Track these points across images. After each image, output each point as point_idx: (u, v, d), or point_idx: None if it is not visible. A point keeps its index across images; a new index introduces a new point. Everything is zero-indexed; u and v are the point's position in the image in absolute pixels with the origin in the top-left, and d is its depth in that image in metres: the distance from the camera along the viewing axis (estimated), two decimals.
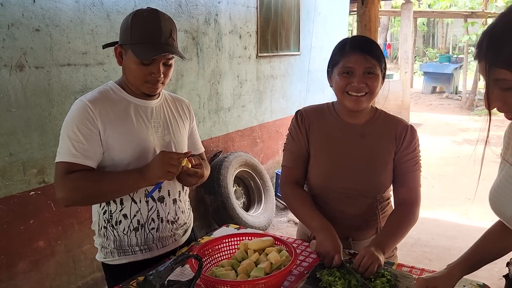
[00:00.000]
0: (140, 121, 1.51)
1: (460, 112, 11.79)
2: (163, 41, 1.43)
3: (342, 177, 1.59)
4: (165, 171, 1.41)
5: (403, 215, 1.58)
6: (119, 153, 1.47)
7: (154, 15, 1.44)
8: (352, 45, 1.51)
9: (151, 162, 1.44)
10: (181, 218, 1.67)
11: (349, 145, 1.61)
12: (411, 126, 1.63)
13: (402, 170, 1.61)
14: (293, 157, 1.68)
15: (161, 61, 1.45)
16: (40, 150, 2.57)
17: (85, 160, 1.42)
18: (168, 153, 1.45)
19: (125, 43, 1.45)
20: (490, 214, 1.22)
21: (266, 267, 1.34)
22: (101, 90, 1.51)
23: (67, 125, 1.44)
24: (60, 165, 1.42)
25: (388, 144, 1.60)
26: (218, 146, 4.21)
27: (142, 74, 1.45)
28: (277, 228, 4.37)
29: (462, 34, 13.74)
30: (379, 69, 1.51)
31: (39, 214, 2.61)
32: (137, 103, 1.53)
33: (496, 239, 1.29)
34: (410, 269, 1.48)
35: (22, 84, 2.45)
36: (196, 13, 3.72)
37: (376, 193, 1.62)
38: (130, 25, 1.43)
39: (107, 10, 2.89)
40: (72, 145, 1.40)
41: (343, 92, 1.53)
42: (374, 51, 1.51)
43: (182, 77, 3.65)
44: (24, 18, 2.42)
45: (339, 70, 1.52)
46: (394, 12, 13.43)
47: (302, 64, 5.46)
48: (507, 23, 0.92)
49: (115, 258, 1.56)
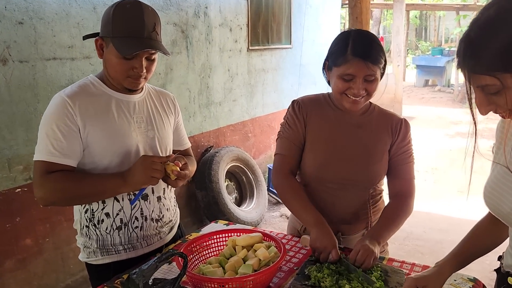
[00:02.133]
0: (122, 116, 1.46)
1: (452, 105, 11.82)
2: (146, 35, 1.38)
3: (337, 166, 1.58)
4: (148, 176, 1.36)
5: (398, 207, 1.58)
6: (100, 150, 1.42)
7: (137, 7, 1.38)
8: (354, 52, 1.44)
9: (133, 167, 1.38)
10: (166, 215, 1.62)
11: (346, 135, 1.60)
12: (405, 120, 1.65)
13: (397, 162, 1.61)
14: (289, 144, 1.63)
15: (144, 56, 1.41)
16: (26, 146, 2.52)
17: (64, 159, 1.37)
18: (149, 157, 1.39)
19: (106, 36, 1.39)
20: (483, 207, 1.20)
21: (255, 264, 1.32)
22: (81, 84, 1.46)
23: (45, 121, 1.39)
24: (38, 164, 1.37)
25: (384, 136, 1.61)
26: (209, 141, 4.17)
27: (124, 69, 1.40)
28: (269, 223, 4.35)
29: (454, 26, 13.76)
30: (379, 71, 1.49)
31: (25, 212, 2.56)
32: (119, 98, 1.48)
33: (485, 234, 1.28)
34: (401, 264, 1.46)
35: (5, 78, 2.39)
36: (185, 5, 3.67)
37: (369, 184, 1.61)
38: (111, 17, 1.37)
39: (93, 2, 2.83)
40: (51, 143, 1.36)
41: (341, 94, 1.51)
42: (376, 56, 1.45)
43: (172, 71, 3.60)
44: (6, 10, 2.36)
45: (339, 74, 1.48)
46: (386, 5, 13.42)
47: (294, 58, 5.42)
48: (479, 29, 0.90)
49: (98, 258, 1.52)
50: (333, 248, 1.40)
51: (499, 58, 0.87)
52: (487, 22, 0.89)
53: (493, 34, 0.87)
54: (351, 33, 1.50)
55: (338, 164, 1.58)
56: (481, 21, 0.91)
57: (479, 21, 0.91)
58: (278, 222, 4.37)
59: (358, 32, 1.52)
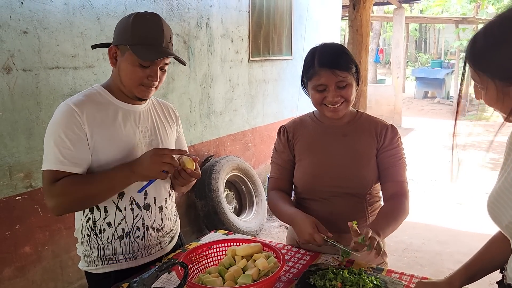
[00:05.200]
0: (128, 126, 1.48)
1: (451, 117, 11.83)
2: (164, 44, 1.42)
3: (327, 175, 1.62)
4: (157, 170, 1.34)
5: (394, 206, 1.58)
6: (106, 158, 1.42)
7: (157, 18, 1.43)
8: (320, 62, 1.53)
9: (143, 157, 1.36)
10: (167, 225, 1.63)
11: (332, 144, 1.65)
12: (391, 125, 1.68)
13: (385, 165, 1.63)
14: (278, 169, 1.74)
15: (160, 65, 1.43)
16: (27, 154, 2.53)
17: (74, 167, 1.37)
18: (161, 150, 1.37)
19: (123, 44, 1.41)
20: (482, 219, 1.22)
21: (254, 274, 1.32)
22: (87, 93, 1.47)
23: (52, 130, 1.38)
24: (47, 174, 1.37)
25: (369, 141, 1.64)
26: (209, 150, 4.18)
27: (138, 77, 1.42)
28: (268, 233, 4.34)
29: (453, 39, 13.86)
30: (351, 77, 1.54)
31: (25, 219, 2.56)
32: (125, 108, 1.50)
33: (498, 249, 1.27)
34: (400, 275, 1.47)
35: (9, 87, 2.41)
36: (188, 16, 3.71)
37: (362, 189, 1.62)
38: (131, 26, 1.39)
39: (97, 12, 2.87)
40: (60, 152, 1.35)
41: (320, 104, 1.59)
42: (342, 63, 1.52)
43: (173, 80, 3.62)
44: (11, 20, 2.39)
45: (313, 86, 1.57)
46: (386, 17, 13.52)
47: (294, 69, 5.45)
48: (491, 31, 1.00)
49: (98, 266, 1.51)
50: (314, 234, 1.41)
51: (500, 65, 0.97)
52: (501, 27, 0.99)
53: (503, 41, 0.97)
54: (317, 48, 1.60)
55: (327, 173, 1.62)
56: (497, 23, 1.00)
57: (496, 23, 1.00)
58: (277, 233, 4.37)
59: (324, 45, 1.60)
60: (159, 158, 1.34)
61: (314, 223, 1.46)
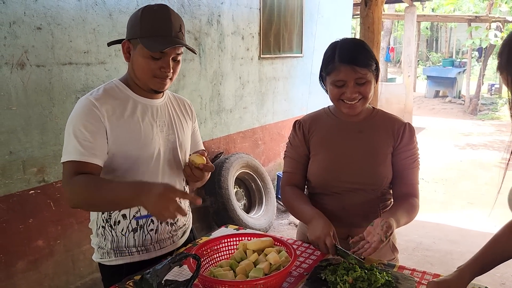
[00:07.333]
0: (146, 120, 1.49)
1: (463, 116, 11.76)
2: (173, 34, 1.42)
3: (342, 170, 1.61)
4: (158, 211, 1.20)
5: (405, 203, 1.58)
6: (123, 150, 1.43)
7: (165, 9, 1.44)
8: (341, 58, 1.51)
9: (152, 192, 1.20)
10: (180, 219, 1.65)
11: (348, 140, 1.64)
12: (408, 124, 1.66)
13: (401, 167, 1.62)
14: (293, 163, 1.73)
15: (171, 56, 1.44)
16: (41, 149, 2.56)
17: (92, 158, 1.37)
18: (171, 192, 1.21)
19: (134, 37, 1.43)
20: (492, 219, 1.21)
21: (265, 268, 1.32)
22: (106, 87, 1.48)
23: (72, 123, 1.39)
24: (67, 165, 1.37)
25: (385, 138, 1.63)
26: (219, 147, 4.19)
27: (151, 69, 1.42)
28: (277, 231, 4.34)
29: (465, 38, 13.70)
30: (370, 74, 1.53)
31: (38, 213, 2.60)
32: (143, 102, 1.51)
33: (508, 240, 1.27)
34: (412, 272, 1.46)
35: (23, 82, 2.44)
36: (199, 13, 3.72)
37: (376, 186, 1.62)
38: (140, 19, 1.41)
39: (109, 9, 2.89)
40: (79, 144, 1.36)
41: (338, 100, 1.58)
42: (363, 60, 1.51)
43: (184, 77, 3.64)
44: (26, 16, 2.42)
45: (331, 81, 1.55)
46: (397, 15, 13.41)
47: (305, 66, 5.44)
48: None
49: (111, 258, 1.53)
50: (327, 236, 1.42)
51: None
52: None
53: None
54: (338, 42, 1.58)
55: (343, 169, 1.61)
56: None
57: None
58: (286, 230, 4.37)
59: (344, 40, 1.59)
60: (166, 202, 1.19)
61: (332, 228, 1.46)
